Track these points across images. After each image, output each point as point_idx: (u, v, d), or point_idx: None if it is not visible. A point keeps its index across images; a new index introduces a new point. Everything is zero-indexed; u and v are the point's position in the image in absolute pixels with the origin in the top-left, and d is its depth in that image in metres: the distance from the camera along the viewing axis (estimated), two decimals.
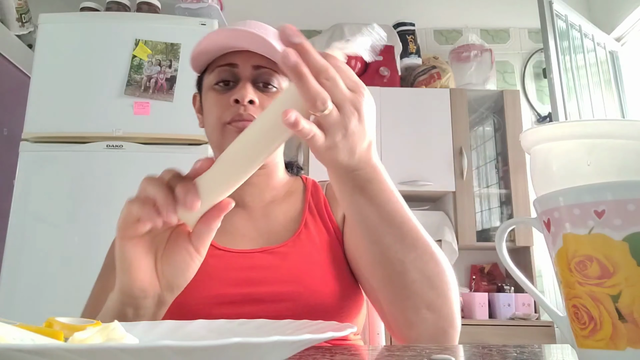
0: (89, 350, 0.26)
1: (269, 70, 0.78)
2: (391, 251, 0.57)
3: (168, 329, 0.46)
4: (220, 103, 0.77)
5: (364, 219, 0.56)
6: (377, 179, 0.54)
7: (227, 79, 0.78)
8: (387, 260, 0.57)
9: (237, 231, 0.78)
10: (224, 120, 0.76)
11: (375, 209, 0.55)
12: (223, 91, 0.78)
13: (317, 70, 0.45)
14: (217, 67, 0.79)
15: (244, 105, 0.75)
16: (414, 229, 0.57)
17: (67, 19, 2.12)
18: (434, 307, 0.58)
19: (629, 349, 0.31)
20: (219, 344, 0.26)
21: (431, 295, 0.58)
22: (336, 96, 0.46)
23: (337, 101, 0.46)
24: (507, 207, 2.62)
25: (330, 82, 0.45)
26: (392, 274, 0.58)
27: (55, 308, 1.68)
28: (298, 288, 0.69)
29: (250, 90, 0.75)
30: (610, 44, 2.74)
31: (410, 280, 0.57)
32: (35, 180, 1.93)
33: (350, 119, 0.47)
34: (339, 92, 0.46)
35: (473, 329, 2.27)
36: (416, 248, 0.57)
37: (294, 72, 0.43)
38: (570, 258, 0.34)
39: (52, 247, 1.87)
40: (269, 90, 0.79)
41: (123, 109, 2.00)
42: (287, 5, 2.88)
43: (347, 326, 0.38)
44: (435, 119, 2.61)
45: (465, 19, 2.96)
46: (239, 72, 0.78)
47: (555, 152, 0.42)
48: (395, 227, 0.56)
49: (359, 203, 0.55)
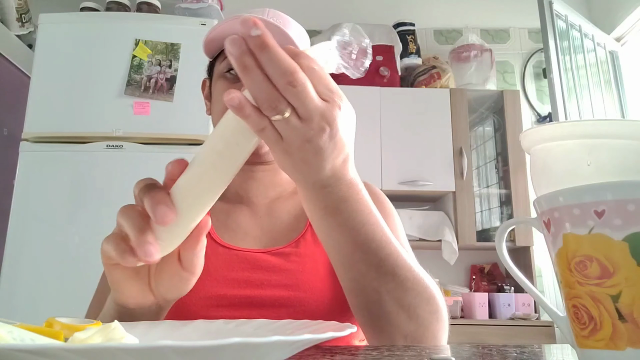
0: (89, 350, 0.26)
1: None
2: (366, 279, 0.51)
3: (168, 329, 0.46)
4: None
5: (336, 244, 0.51)
6: (352, 198, 0.49)
7: None
8: (360, 289, 0.52)
9: (240, 228, 0.76)
10: None
11: (348, 233, 0.50)
12: (234, 80, 0.75)
13: (281, 71, 0.38)
14: None
15: None
16: (392, 254, 0.52)
17: (67, 19, 2.12)
18: (412, 337, 0.53)
19: (629, 349, 0.31)
20: (219, 344, 0.26)
21: (410, 326, 0.53)
22: (304, 106, 0.40)
23: (305, 112, 0.40)
24: (507, 207, 2.62)
25: (297, 89, 0.39)
26: (366, 303, 0.53)
27: (55, 308, 1.68)
28: (300, 293, 0.67)
29: None
30: (610, 44, 2.73)
31: (386, 311, 0.52)
32: (35, 180, 1.93)
33: (319, 134, 0.41)
34: (308, 101, 0.40)
35: (473, 329, 2.27)
36: (394, 276, 0.52)
37: (237, 63, 0.38)
38: (570, 258, 0.34)
39: (52, 247, 1.87)
40: None
41: (123, 109, 2.00)
42: (287, 5, 2.88)
43: (347, 326, 0.38)
44: (435, 119, 2.61)
45: (465, 19, 2.96)
46: None
47: (555, 152, 0.42)
48: (370, 254, 0.51)
49: (331, 225, 0.49)
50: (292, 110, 0.40)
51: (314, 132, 0.41)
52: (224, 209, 0.77)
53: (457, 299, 2.35)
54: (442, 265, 2.55)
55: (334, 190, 0.47)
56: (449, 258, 2.47)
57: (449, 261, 2.47)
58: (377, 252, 0.51)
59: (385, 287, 0.52)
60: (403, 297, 0.52)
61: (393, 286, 0.52)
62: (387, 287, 0.52)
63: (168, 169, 0.43)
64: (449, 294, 2.49)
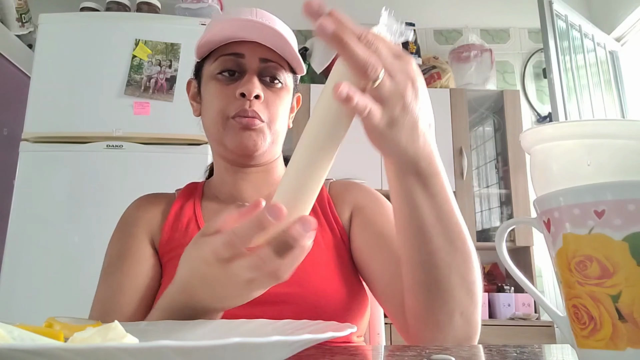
0: (89, 350, 0.26)
1: (276, 64, 0.76)
2: (441, 253, 0.53)
3: (168, 329, 0.46)
4: (224, 94, 0.74)
5: (419, 217, 0.52)
6: (438, 174, 0.50)
7: (232, 68, 0.75)
8: (433, 262, 0.53)
9: None
10: (227, 114, 0.73)
11: (433, 208, 0.51)
12: (227, 82, 0.75)
13: (357, 36, 0.41)
14: (222, 55, 0.76)
15: (250, 100, 0.72)
16: (463, 231, 0.54)
17: (67, 19, 2.12)
18: (466, 313, 0.55)
19: (629, 349, 0.31)
20: (219, 344, 0.26)
21: (467, 301, 0.55)
22: (386, 61, 0.42)
23: (390, 66, 0.42)
24: (507, 207, 2.62)
25: (373, 48, 0.41)
26: (435, 277, 0.54)
27: (55, 308, 1.68)
28: (301, 290, 0.68)
29: (257, 84, 0.73)
30: (610, 44, 2.73)
31: (452, 285, 0.54)
32: (35, 180, 1.93)
33: (405, 88, 0.43)
34: (384, 58, 0.42)
35: None
36: (462, 252, 0.54)
37: (335, 40, 0.40)
38: (570, 258, 0.34)
39: (52, 247, 1.87)
40: (275, 86, 0.76)
41: (123, 109, 2.00)
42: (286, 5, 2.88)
43: (347, 326, 0.38)
44: (435, 119, 2.55)
45: (465, 19, 2.96)
46: (244, 64, 0.75)
47: (555, 152, 0.42)
48: (449, 229, 0.52)
49: (418, 200, 0.51)
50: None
51: (402, 88, 0.43)
52: (219, 211, 0.77)
53: None
54: None
55: (423, 166, 0.49)
56: None
57: None
58: (454, 227, 0.53)
59: (455, 262, 0.53)
60: (466, 272, 0.54)
61: (462, 262, 0.54)
62: (456, 262, 0.53)
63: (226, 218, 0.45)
64: None
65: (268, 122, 0.75)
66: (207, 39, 0.75)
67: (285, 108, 0.79)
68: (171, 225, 0.77)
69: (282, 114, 0.78)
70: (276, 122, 0.76)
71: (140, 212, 0.80)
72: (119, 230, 0.79)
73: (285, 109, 0.79)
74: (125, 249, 0.75)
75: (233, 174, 0.80)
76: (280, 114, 0.77)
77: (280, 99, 0.77)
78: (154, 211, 0.80)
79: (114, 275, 0.73)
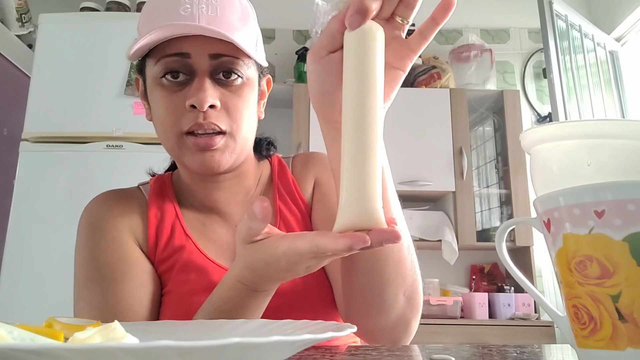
0: (89, 350, 0.26)
1: (230, 57, 0.63)
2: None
3: (168, 329, 0.46)
4: (173, 106, 0.63)
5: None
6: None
7: (177, 70, 0.63)
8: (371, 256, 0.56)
9: (222, 241, 0.72)
10: (181, 129, 0.63)
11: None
12: (173, 88, 0.63)
13: None
14: (164, 57, 0.63)
15: (203, 111, 0.61)
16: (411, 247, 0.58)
17: (67, 19, 2.12)
18: (405, 319, 0.60)
19: (629, 349, 0.31)
20: (219, 344, 0.26)
21: (406, 309, 0.60)
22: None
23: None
24: (507, 207, 2.62)
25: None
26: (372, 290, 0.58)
27: (55, 308, 1.68)
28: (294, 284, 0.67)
29: (209, 90, 0.61)
30: (610, 44, 2.74)
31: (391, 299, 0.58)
32: (35, 180, 1.93)
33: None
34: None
35: (473, 329, 2.27)
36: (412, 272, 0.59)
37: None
38: (570, 258, 0.34)
39: (52, 247, 1.87)
40: (233, 83, 0.64)
41: (123, 109, 2.00)
42: (286, 5, 2.88)
43: (347, 326, 0.38)
44: (435, 119, 2.61)
45: (465, 19, 2.96)
46: (192, 64, 0.62)
47: (555, 152, 0.42)
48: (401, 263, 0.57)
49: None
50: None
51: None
52: (199, 219, 0.74)
53: (457, 299, 2.35)
54: (442, 265, 2.55)
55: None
56: (449, 258, 2.47)
57: (449, 261, 2.47)
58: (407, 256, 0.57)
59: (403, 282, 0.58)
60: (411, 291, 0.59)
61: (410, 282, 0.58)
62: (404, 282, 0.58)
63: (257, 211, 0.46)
64: (448, 294, 2.49)
65: (231, 131, 0.64)
66: (142, 43, 0.61)
67: (250, 108, 0.67)
68: (155, 231, 0.71)
69: (248, 116, 0.66)
70: (241, 129, 0.65)
71: (115, 214, 0.71)
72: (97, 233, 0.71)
73: (251, 109, 0.67)
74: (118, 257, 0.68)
75: (202, 184, 0.72)
76: (245, 118, 0.66)
77: (242, 99, 0.65)
78: (130, 214, 0.72)
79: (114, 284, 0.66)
